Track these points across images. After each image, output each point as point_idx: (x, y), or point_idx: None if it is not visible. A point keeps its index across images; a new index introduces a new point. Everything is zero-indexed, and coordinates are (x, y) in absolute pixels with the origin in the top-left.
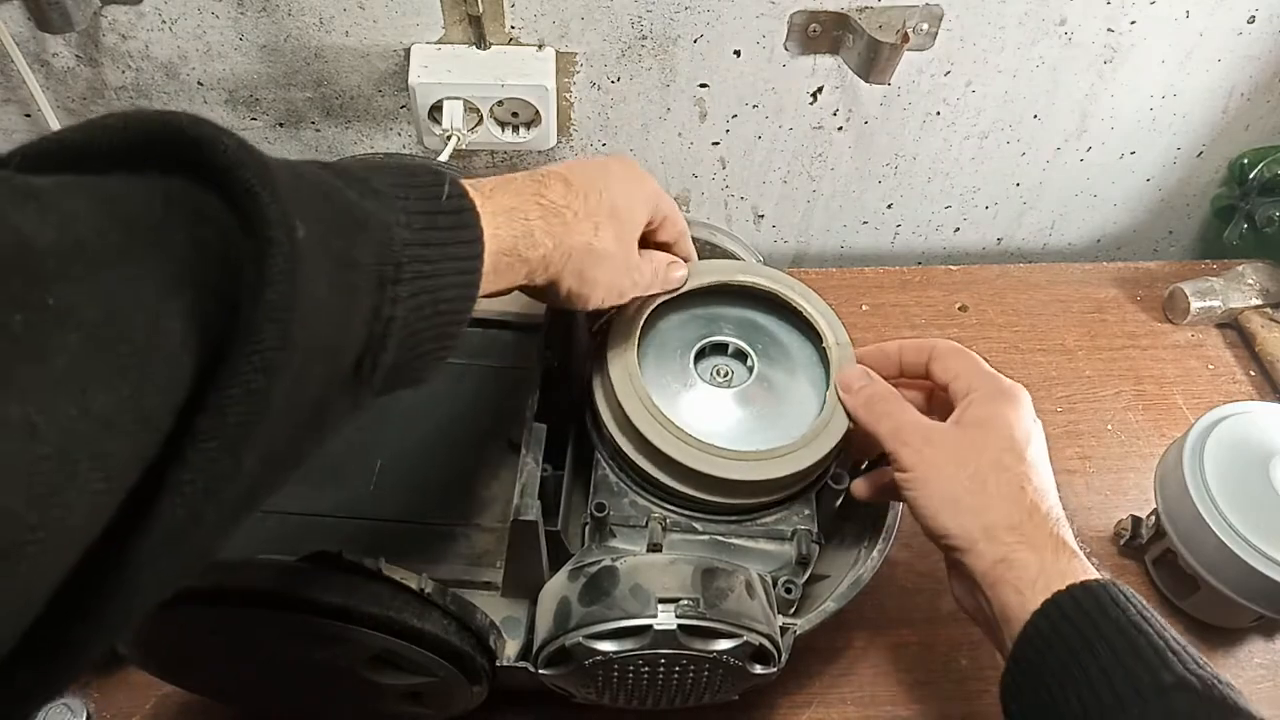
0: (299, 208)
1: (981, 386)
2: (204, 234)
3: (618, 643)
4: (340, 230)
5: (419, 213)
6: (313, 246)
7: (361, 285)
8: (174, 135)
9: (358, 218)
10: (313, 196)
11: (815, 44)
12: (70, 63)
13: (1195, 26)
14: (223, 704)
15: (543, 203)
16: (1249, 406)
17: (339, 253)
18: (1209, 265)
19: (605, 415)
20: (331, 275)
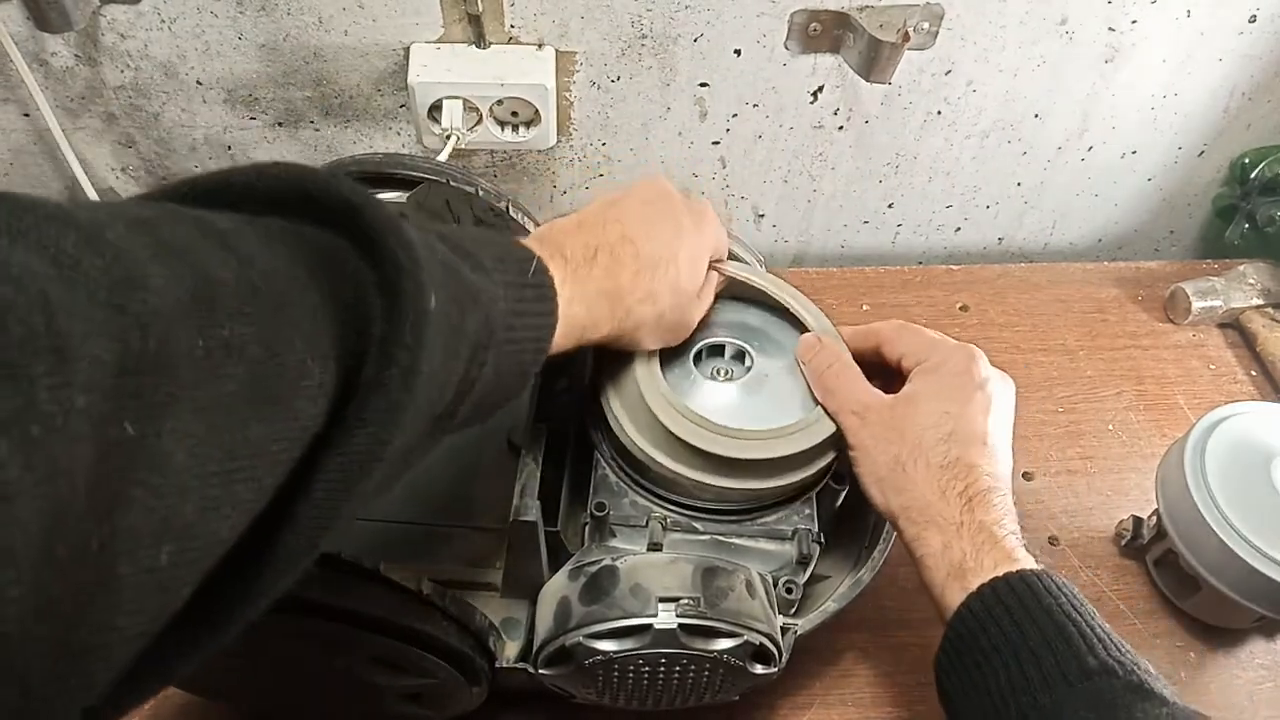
0: (433, 280)
1: (926, 357)
2: (345, 290)
3: (618, 642)
4: (458, 301)
5: (513, 285)
6: (440, 316)
7: (463, 352)
8: (330, 195)
9: (471, 292)
10: (442, 270)
11: (816, 43)
12: (69, 62)
13: (1196, 26)
14: (222, 704)
15: (615, 291)
16: (1250, 406)
17: (455, 323)
18: (1210, 265)
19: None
20: (447, 344)
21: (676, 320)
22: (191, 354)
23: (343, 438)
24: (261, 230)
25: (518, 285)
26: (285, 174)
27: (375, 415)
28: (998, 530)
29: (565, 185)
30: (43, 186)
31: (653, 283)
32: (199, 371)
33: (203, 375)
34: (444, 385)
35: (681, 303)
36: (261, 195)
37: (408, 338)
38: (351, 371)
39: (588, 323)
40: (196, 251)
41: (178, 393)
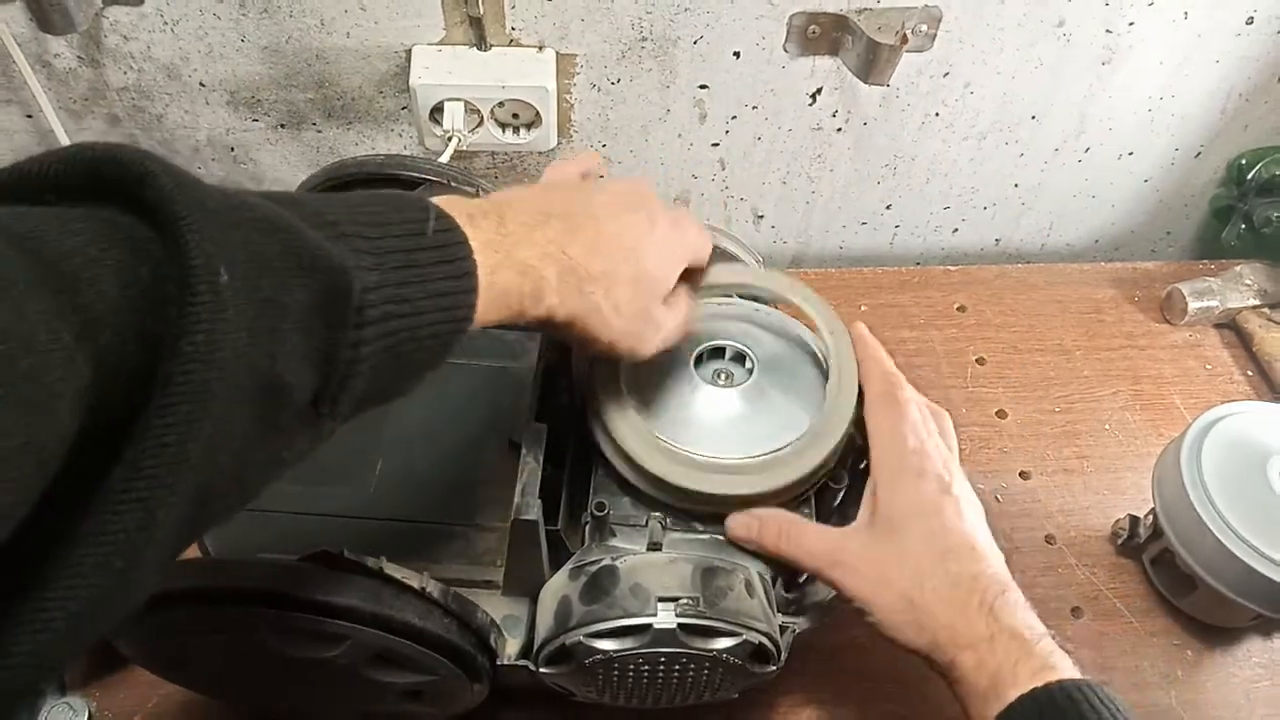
0: (228, 250)
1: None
2: (141, 272)
3: (618, 641)
4: (275, 274)
5: (395, 251)
6: (237, 293)
7: (294, 329)
8: (118, 169)
9: (304, 262)
10: (249, 239)
11: (814, 45)
12: (72, 64)
13: (1193, 28)
14: (224, 703)
15: (563, 259)
16: (1246, 406)
17: (268, 297)
18: (1207, 266)
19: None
20: (255, 321)
21: (635, 319)
22: None
23: (130, 451)
24: (18, 221)
25: (404, 250)
26: (69, 155)
27: (162, 416)
28: (1028, 635)
29: None
30: None
31: (610, 264)
32: None
33: None
34: (268, 371)
35: (643, 301)
36: (55, 183)
37: (192, 321)
38: (150, 370)
39: (526, 291)
40: None
41: None
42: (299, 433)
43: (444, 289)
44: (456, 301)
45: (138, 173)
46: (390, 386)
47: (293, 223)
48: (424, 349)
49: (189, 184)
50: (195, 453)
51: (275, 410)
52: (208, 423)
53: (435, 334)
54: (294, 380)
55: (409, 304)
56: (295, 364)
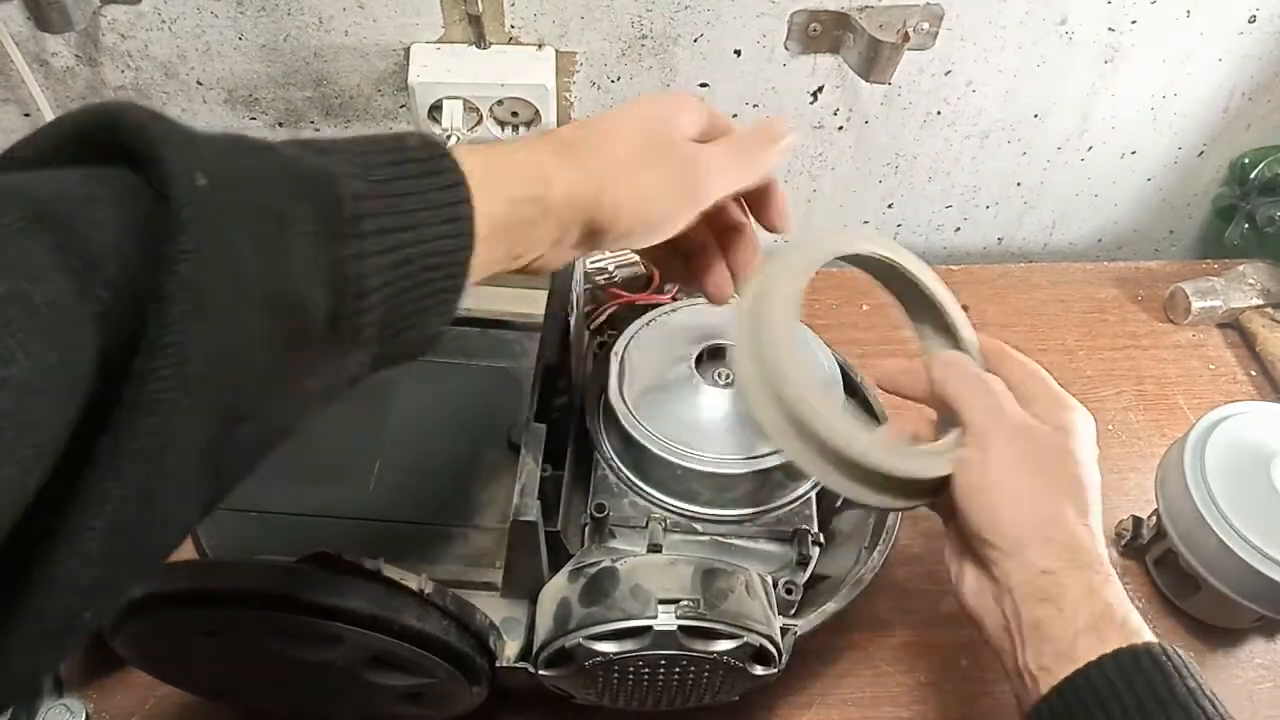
0: (203, 162)
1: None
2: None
3: (618, 644)
4: (265, 184)
5: (382, 164)
6: (222, 198)
7: (300, 240)
8: (95, 121)
9: (292, 173)
10: (228, 153)
11: (816, 43)
12: (70, 62)
13: (1196, 26)
14: (221, 705)
15: (552, 141)
16: (1250, 406)
17: (263, 206)
18: (1210, 265)
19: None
20: (254, 228)
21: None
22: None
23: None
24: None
25: (392, 164)
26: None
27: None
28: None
29: None
30: None
31: (604, 124)
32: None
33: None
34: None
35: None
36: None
37: (176, 223)
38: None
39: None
40: None
41: None
42: (321, 357)
43: (438, 200)
44: (455, 213)
45: (112, 114)
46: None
47: (268, 143)
48: (434, 270)
49: (162, 116)
50: (200, 351)
51: (294, 327)
52: (209, 322)
53: (442, 250)
54: (308, 294)
55: (405, 215)
56: (305, 276)
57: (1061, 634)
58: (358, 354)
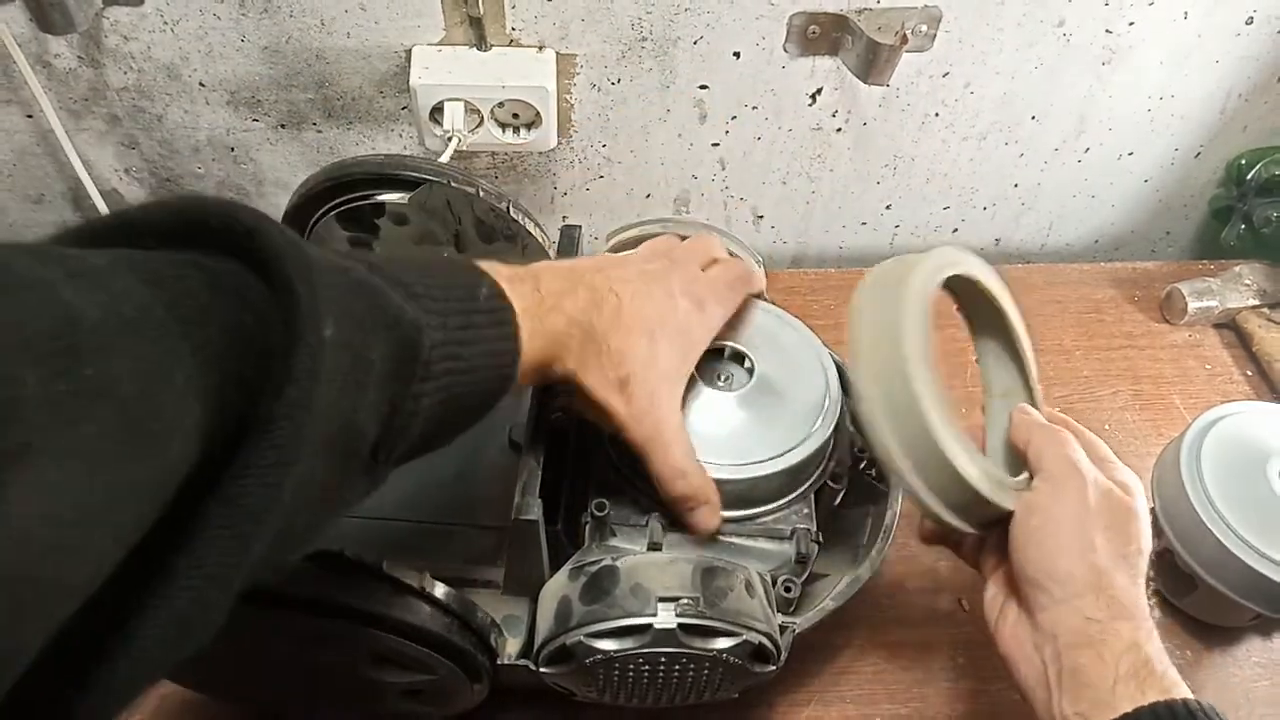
0: (332, 306)
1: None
2: (246, 319)
3: (618, 641)
4: (364, 330)
5: (456, 313)
6: (337, 346)
7: (373, 381)
8: (229, 221)
9: (389, 319)
10: (348, 295)
11: (814, 45)
12: (72, 64)
13: (1193, 28)
14: (224, 702)
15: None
16: (1246, 406)
17: (358, 352)
18: (1206, 266)
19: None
20: (346, 374)
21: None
22: (50, 399)
23: (231, 486)
24: (143, 262)
25: (463, 311)
26: (179, 205)
27: (265, 456)
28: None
29: (566, 187)
30: (46, 188)
31: (627, 343)
32: (57, 416)
33: (61, 418)
34: (349, 419)
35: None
36: (158, 229)
37: (299, 370)
38: (248, 413)
39: (553, 355)
40: (56, 288)
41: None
42: (360, 479)
43: (494, 349)
44: (503, 360)
45: (248, 226)
46: (437, 436)
47: (378, 283)
48: (473, 403)
49: (296, 241)
50: (288, 493)
51: (348, 458)
52: (301, 465)
53: (486, 390)
54: (368, 429)
55: (465, 360)
56: (369, 413)
57: (1101, 681)
58: (385, 470)
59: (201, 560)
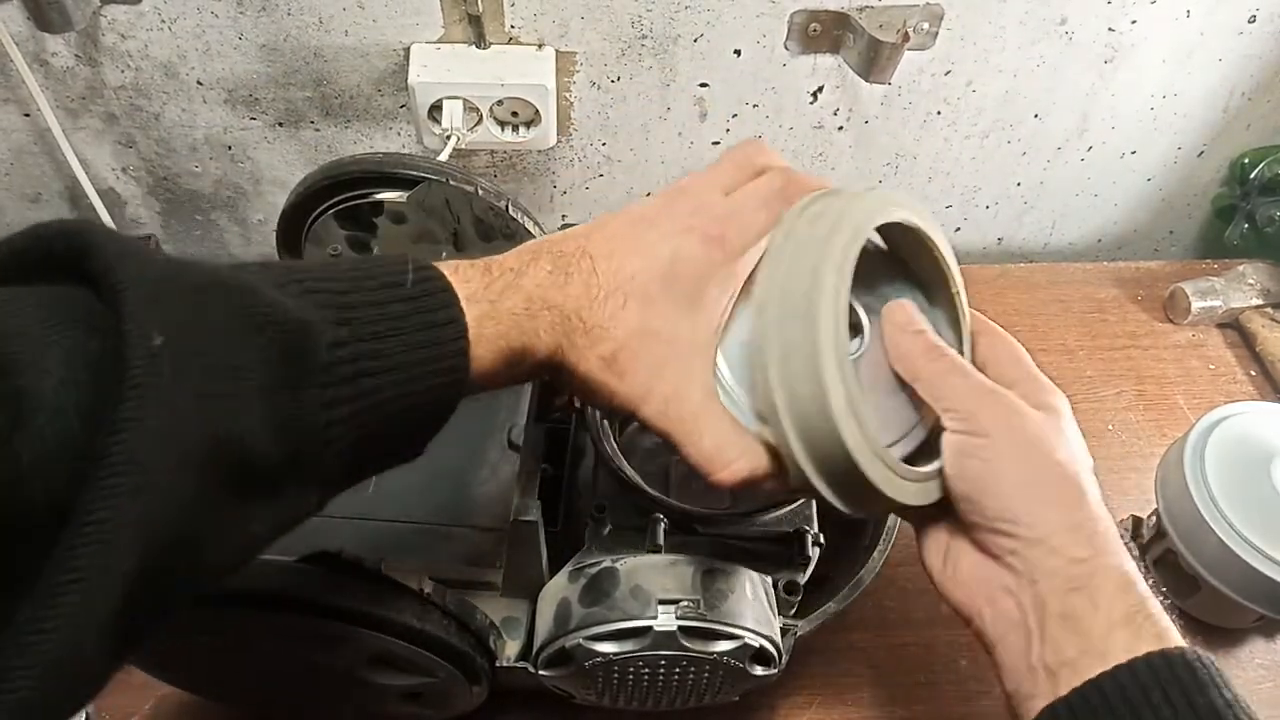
0: (165, 316)
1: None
2: (89, 345)
3: (618, 644)
4: (227, 338)
5: (366, 305)
6: (176, 357)
7: (256, 393)
8: (65, 244)
9: (262, 323)
10: (193, 303)
11: (815, 43)
12: (69, 62)
13: (1196, 26)
14: (222, 704)
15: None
16: (1250, 406)
17: (218, 363)
18: (1210, 265)
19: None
20: (205, 387)
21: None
22: None
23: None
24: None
25: (377, 303)
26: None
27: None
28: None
29: (565, 185)
30: (43, 187)
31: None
32: None
33: None
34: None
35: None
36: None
37: (126, 389)
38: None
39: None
40: None
41: None
42: (273, 502)
43: (425, 339)
44: (442, 352)
45: (82, 245)
46: (389, 447)
47: (248, 283)
48: (416, 406)
49: (132, 252)
50: (129, 529)
51: (238, 480)
52: (145, 495)
53: (428, 388)
54: (260, 447)
55: (386, 358)
56: (258, 428)
57: (1094, 627)
58: (316, 493)
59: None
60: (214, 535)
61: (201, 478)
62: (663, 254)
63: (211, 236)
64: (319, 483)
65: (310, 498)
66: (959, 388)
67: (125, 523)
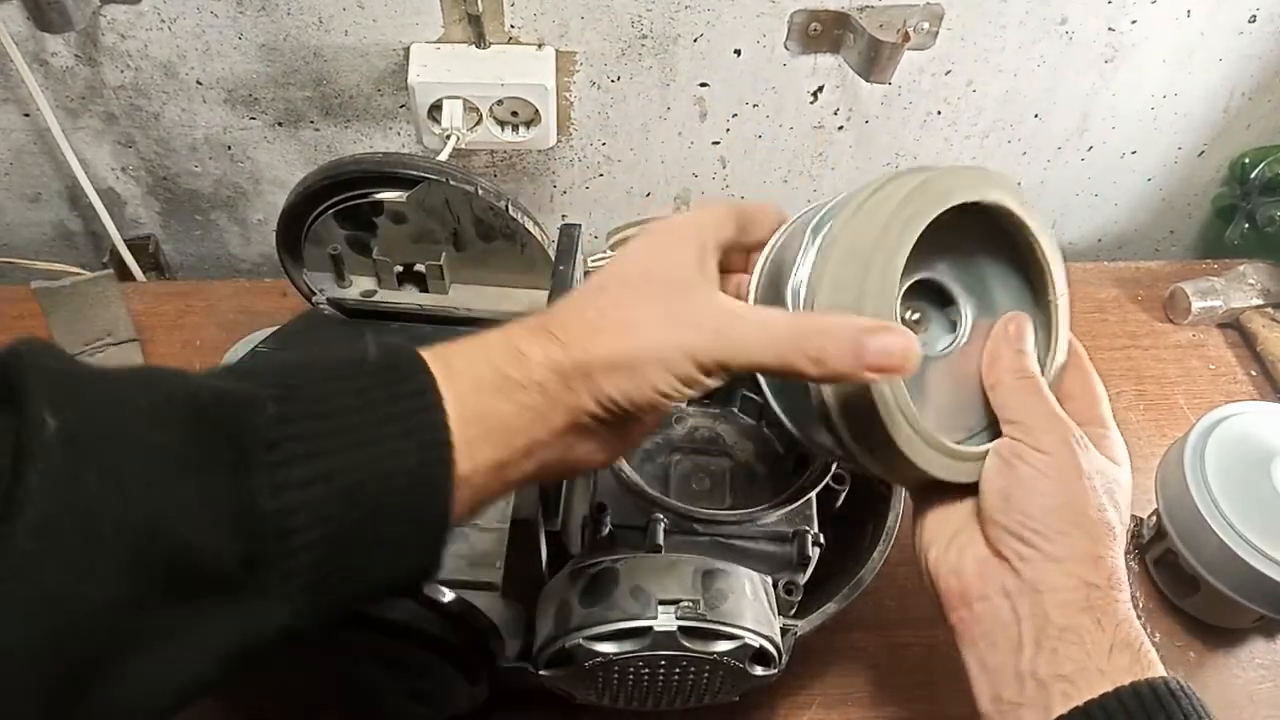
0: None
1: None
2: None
3: (618, 644)
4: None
5: (321, 380)
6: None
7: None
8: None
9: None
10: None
11: (816, 43)
12: (69, 62)
13: (1196, 26)
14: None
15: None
16: (1250, 406)
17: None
18: (1210, 265)
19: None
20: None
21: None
22: None
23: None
24: None
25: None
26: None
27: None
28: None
29: (565, 185)
30: (42, 187)
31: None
32: None
33: None
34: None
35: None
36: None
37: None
38: None
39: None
40: None
41: None
42: (231, 611)
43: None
44: (419, 423)
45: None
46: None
47: (174, 373)
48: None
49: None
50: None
51: (175, 577)
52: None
53: (407, 469)
54: (202, 540)
55: (350, 433)
56: (197, 518)
57: (1096, 648)
58: (288, 604)
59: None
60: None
61: (123, 572)
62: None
63: (211, 236)
64: (287, 595)
65: (277, 611)
66: (1032, 406)
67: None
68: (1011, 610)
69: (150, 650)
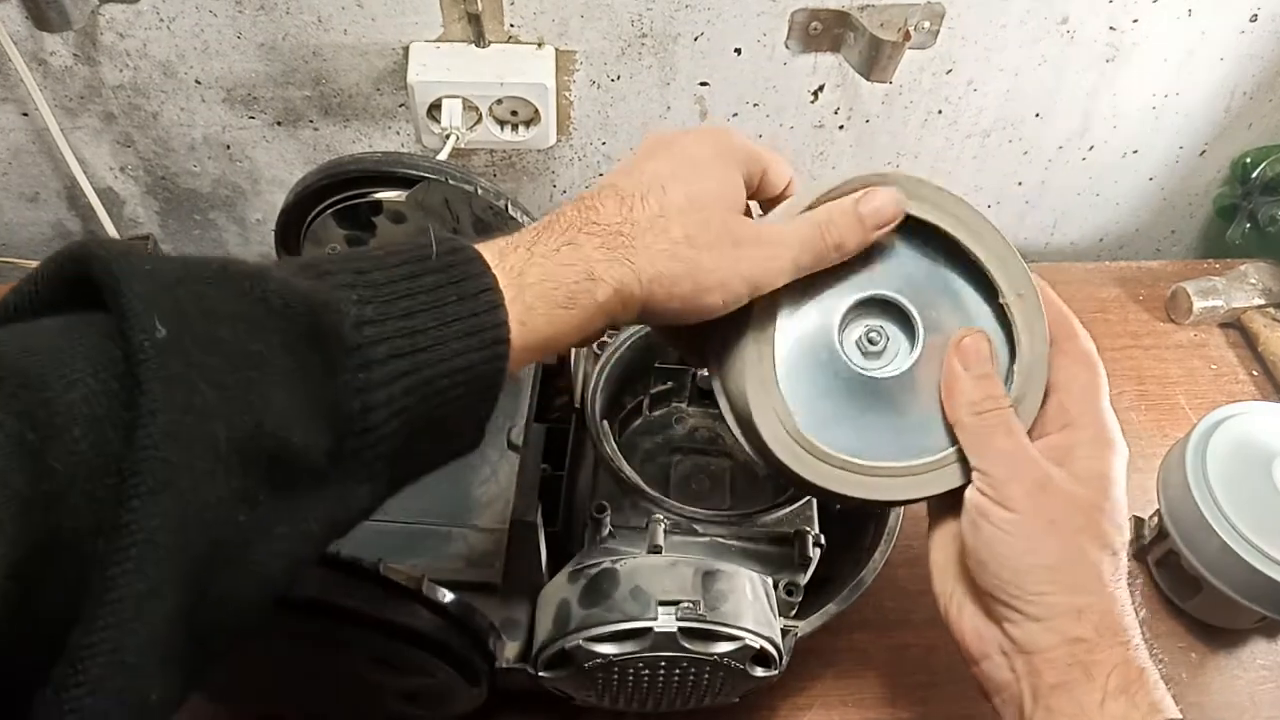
0: (165, 308)
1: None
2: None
3: (618, 645)
4: (238, 325)
5: (393, 281)
6: (185, 349)
7: (281, 381)
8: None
9: (278, 306)
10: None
11: (816, 42)
12: (68, 61)
13: (1197, 25)
14: (220, 705)
15: (594, 229)
16: (1251, 406)
17: (234, 351)
18: (1211, 265)
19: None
20: (223, 377)
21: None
22: None
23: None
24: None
25: (404, 278)
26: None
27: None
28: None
29: (565, 185)
30: (41, 186)
31: (647, 207)
32: None
33: None
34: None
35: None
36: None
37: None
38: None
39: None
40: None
41: None
42: (323, 497)
43: (462, 312)
44: (482, 323)
45: (81, 258)
46: (439, 436)
47: (257, 271)
48: (462, 385)
49: (128, 254)
50: (162, 533)
51: (278, 473)
52: (172, 495)
53: (468, 366)
54: (299, 439)
55: (423, 334)
56: (294, 419)
57: (1088, 698)
58: (369, 486)
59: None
60: (261, 534)
61: (236, 472)
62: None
63: (210, 236)
64: (368, 478)
65: (360, 494)
66: (999, 450)
67: (156, 526)
68: (1010, 669)
69: (262, 540)
